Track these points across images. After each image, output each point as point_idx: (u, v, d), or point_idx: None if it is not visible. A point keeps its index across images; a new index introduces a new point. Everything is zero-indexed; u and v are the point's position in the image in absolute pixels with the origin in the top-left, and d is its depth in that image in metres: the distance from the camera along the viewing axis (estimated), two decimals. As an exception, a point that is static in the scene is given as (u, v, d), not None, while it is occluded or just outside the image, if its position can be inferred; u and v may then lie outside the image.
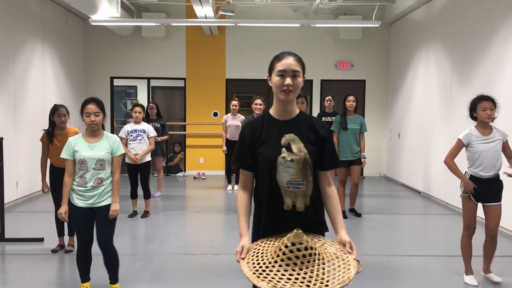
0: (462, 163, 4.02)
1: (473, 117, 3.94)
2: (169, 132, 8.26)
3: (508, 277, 4.13)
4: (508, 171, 3.86)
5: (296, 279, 1.82)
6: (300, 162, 2.12)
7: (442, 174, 7.41)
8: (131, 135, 6.32)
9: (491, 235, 3.97)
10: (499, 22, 5.92)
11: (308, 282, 1.82)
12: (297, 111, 2.24)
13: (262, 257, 1.96)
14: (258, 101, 6.45)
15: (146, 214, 6.45)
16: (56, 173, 4.72)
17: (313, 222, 2.20)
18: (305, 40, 10.22)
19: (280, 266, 1.87)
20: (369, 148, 7.86)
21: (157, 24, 9.33)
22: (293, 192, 2.14)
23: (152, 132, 6.47)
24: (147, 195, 6.51)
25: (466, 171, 3.96)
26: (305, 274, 1.85)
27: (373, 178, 10.42)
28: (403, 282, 4.17)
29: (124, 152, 3.77)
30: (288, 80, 2.12)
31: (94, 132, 3.53)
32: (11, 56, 7.19)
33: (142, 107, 6.53)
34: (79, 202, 3.49)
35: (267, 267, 1.88)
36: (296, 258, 1.87)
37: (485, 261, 4.09)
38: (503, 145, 3.89)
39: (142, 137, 6.35)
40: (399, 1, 9.16)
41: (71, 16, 9.49)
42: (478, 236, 4.06)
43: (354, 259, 1.97)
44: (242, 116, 8.26)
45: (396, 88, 10.00)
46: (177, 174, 10.63)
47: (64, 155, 3.50)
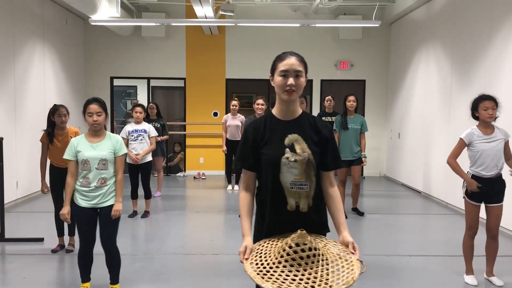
0: (463, 163, 4.01)
1: (475, 117, 3.93)
2: (169, 132, 8.26)
3: (509, 277, 4.14)
4: None
5: (300, 280, 1.82)
6: (304, 163, 2.11)
7: (442, 174, 7.41)
8: (132, 135, 6.32)
9: (492, 235, 3.98)
10: (499, 22, 5.92)
11: (313, 283, 1.81)
12: (300, 111, 2.24)
13: (265, 257, 1.95)
14: (260, 101, 6.44)
15: (146, 214, 6.46)
16: (56, 173, 4.73)
17: (315, 222, 2.20)
18: (305, 40, 10.22)
19: (284, 266, 1.86)
20: (369, 148, 7.86)
21: (157, 24, 9.34)
22: (296, 192, 2.13)
23: (153, 132, 6.46)
24: (148, 195, 6.51)
25: (468, 171, 3.96)
26: (309, 275, 1.84)
27: (373, 178, 10.42)
28: (403, 282, 4.17)
29: (127, 151, 3.77)
30: (291, 80, 2.12)
31: (96, 132, 3.54)
32: (11, 56, 7.19)
33: (142, 107, 6.53)
34: (82, 203, 3.50)
35: (271, 268, 1.88)
36: (300, 258, 1.86)
37: (487, 263, 4.08)
38: (504, 145, 3.88)
39: (143, 137, 6.34)
40: (399, 1, 9.16)
41: (71, 16, 9.49)
42: (479, 236, 4.06)
43: (357, 260, 1.96)
44: (242, 116, 8.26)
45: (396, 88, 10.00)
46: (177, 174, 10.63)
47: (67, 155, 3.51)
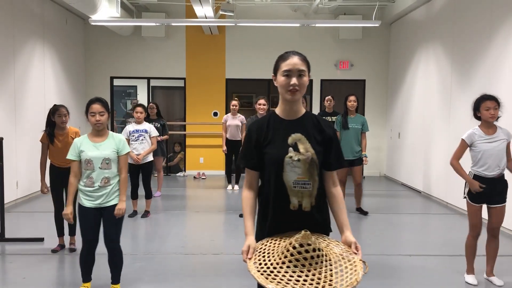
0: (465, 163, 4.01)
1: (477, 117, 3.93)
2: (169, 132, 8.26)
3: (509, 277, 4.14)
4: None
5: (304, 281, 1.81)
6: (307, 162, 2.11)
7: (442, 173, 7.41)
8: (133, 135, 6.31)
9: (493, 234, 3.99)
10: (499, 22, 5.92)
11: (317, 284, 1.81)
12: (303, 110, 2.23)
13: (269, 257, 1.95)
14: (262, 101, 6.43)
15: (146, 214, 6.46)
16: (56, 173, 4.73)
17: (318, 222, 2.19)
18: (305, 40, 10.22)
19: (288, 267, 1.86)
20: (369, 147, 7.83)
21: (157, 24, 9.33)
22: (299, 191, 2.13)
23: (154, 132, 6.46)
24: (149, 195, 6.51)
25: (470, 171, 3.96)
26: (313, 275, 1.84)
27: (373, 178, 10.42)
28: (403, 282, 4.17)
29: (130, 150, 3.78)
30: (294, 80, 2.11)
31: (99, 131, 3.55)
32: (11, 56, 7.19)
33: (143, 107, 6.52)
34: (86, 203, 3.50)
35: (274, 268, 1.87)
36: (304, 259, 1.86)
37: (488, 263, 4.08)
38: (506, 146, 3.87)
39: (144, 137, 6.34)
40: (399, 1, 9.16)
41: (71, 16, 9.49)
42: (480, 236, 4.05)
43: (360, 260, 1.96)
44: (242, 116, 8.26)
45: (396, 88, 10.00)
46: (177, 174, 10.63)
47: (70, 156, 3.52)
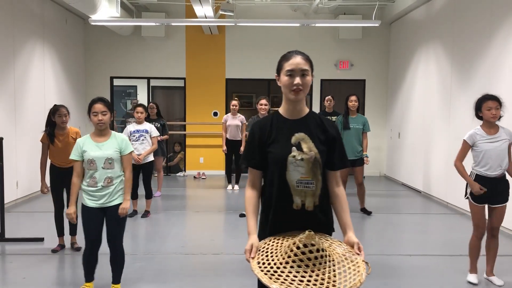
0: (467, 163, 4.01)
1: (479, 117, 3.94)
2: (169, 132, 8.26)
3: (509, 277, 4.14)
4: None
5: (308, 281, 1.81)
6: (310, 161, 2.11)
7: (442, 173, 7.42)
8: (134, 136, 6.30)
9: (493, 234, 3.99)
10: (499, 22, 5.92)
11: (320, 284, 1.81)
12: (307, 110, 2.24)
13: (272, 256, 1.95)
14: (263, 101, 6.42)
15: (146, 214, 6.46)
16: (56, 173, 4.74)
17: (321, 222, 2.19)
18: (305, 40, 10.22)
19: (291, 267, 1.86)
20: (369, 147, 7.79)
21: (157, 24, 9.33)
22: (302, 191, 2.13)
23: (155, 132, 6.45)
24: (149, 195, 6.51)
25: (472, 171, 3.96)
26: (316, 276, 1.83)
27: (373, 178, 10.42)
28: (403, 281, 4.17)
29: (133, 149, 3.79)
30: (297, 80, 2.11)
31: (101, 131, 3.55)
32: (11, 56, 7.19)
33: (144, 107, 6.52)
34: (90, 203, 3.51)
35: (278, 268, 1.87)
36: (308, 260, 1.86)
37: (488, 263, 4.08)
38: (508, 146, 3.87)
39: (145, 137, 6.34)
40: (399, 0, 9.16)
41: (71, 16, 9.49)
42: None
43: (362, 261, 1.96)
44: (242, 116, 8.26)
45: (396, 88, 10.00)
46: (177, 174, 10.63)
47: (73, 156, 3.52)
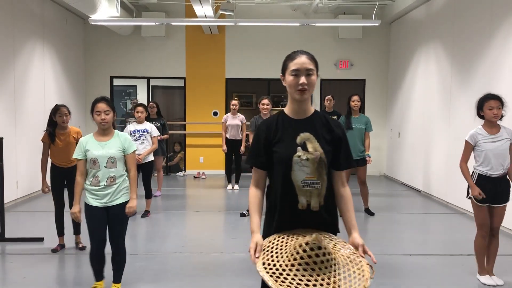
0: (469, 162, 4.01)
1: (480, 116, 3.95)
2: (169, 132, 8.26)
3: (509, 277, 4.14)
4: None
5: (314, 286, 1.81)
6: (316, 161, 2.10)
7: (442, 173, 7.42)
8: (134, 135, 6.30)
9: (493, 234, 4.00)
10: (499, 22, 5.92)
11: None
12: (312, 110, 2.23)
13: (277, 257, 1.94)
14: (265, 101, 6.41)
15: (146, 213, 6.46)
16: (56, 173, 4.75)
17: (326, 222, 2.18)
18: (305, 39, 10.21)
19: (297, 270, 1.85)
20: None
21: (156, 23, 9.33)
22: (308, 191, 2.12)
23: (155, 132, 6.46)
24: (149, 195, 6.52)
25: (474, 170, 3.96)
26: (322, 280, 1.83)
27: (373, 177, 10.41)
28: (403, 281, 4.17)
29: (136, 148, 3.79)
30: (303, 79, 2.11)
31: (104, 130, 3.56)
32: (11, 56, 7.19)
33: (144, 106, 6.53)
34: (93, 202, 3.52)
35: (283, 270, 1.86)
36: (314, 263, 1.85)
37: (488, 262, 4.08)
38: (510, 146, 3.87)
39: (145, 137, 6.34)
40: (399, 0, 9.16)
41: (71, 16, 9.49)
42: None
43: (367, 264, 1.95)
44: (242, 116, 8.26)
45: (396, 88, 10.00)
46: (177, 174, 10.63)
47: (76, 155, 3.53)
